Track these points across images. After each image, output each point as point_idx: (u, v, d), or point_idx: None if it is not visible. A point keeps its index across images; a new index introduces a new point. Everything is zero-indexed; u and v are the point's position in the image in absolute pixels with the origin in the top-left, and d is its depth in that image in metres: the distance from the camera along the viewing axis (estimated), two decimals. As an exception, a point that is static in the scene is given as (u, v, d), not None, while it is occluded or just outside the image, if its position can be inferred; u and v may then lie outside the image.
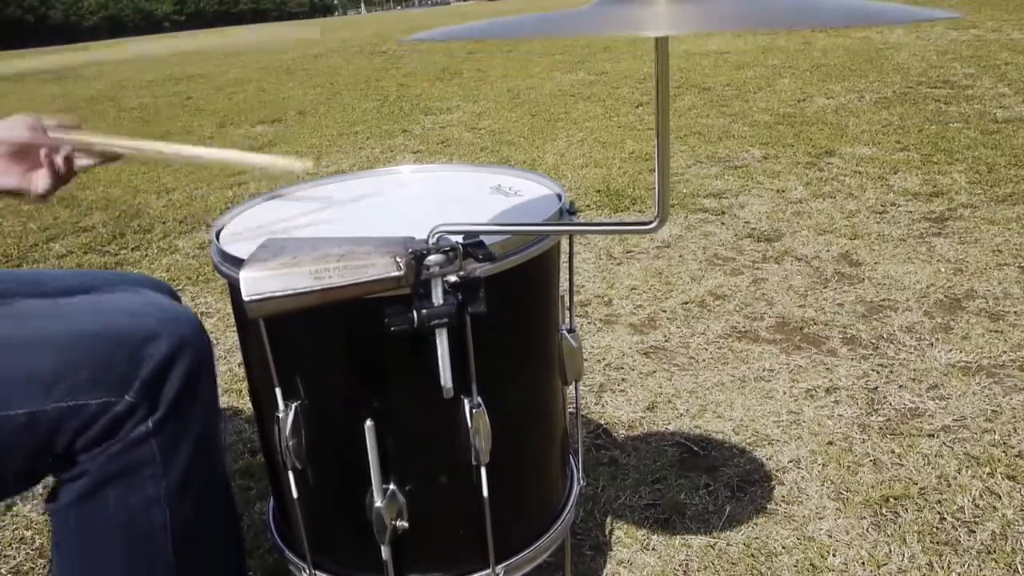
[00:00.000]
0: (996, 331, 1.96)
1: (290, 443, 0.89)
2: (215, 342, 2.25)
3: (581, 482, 1.14)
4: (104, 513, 0.87)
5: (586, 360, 1.95)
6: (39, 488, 0.93)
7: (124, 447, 0.85)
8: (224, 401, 1.94)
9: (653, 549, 1.35)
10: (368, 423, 0.85)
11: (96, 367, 0.84)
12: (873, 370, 1.84)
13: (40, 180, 0.91)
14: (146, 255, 3.13)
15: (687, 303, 2.27)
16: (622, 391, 1.84)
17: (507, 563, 0.96)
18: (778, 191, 3.24)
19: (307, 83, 8.78)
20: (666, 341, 2.06)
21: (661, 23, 0.58)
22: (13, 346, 0.85)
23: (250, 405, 1.72)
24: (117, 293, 1.03)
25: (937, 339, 1.95)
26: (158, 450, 0.87)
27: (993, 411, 1.64)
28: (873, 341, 1.97)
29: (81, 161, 0.97)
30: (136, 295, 1.02)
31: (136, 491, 0.87)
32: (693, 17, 0.59)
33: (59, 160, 0.92)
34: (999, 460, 1.49)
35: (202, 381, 0.92)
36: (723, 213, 3.03)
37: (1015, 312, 2.05)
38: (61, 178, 0.93)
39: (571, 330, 1.03)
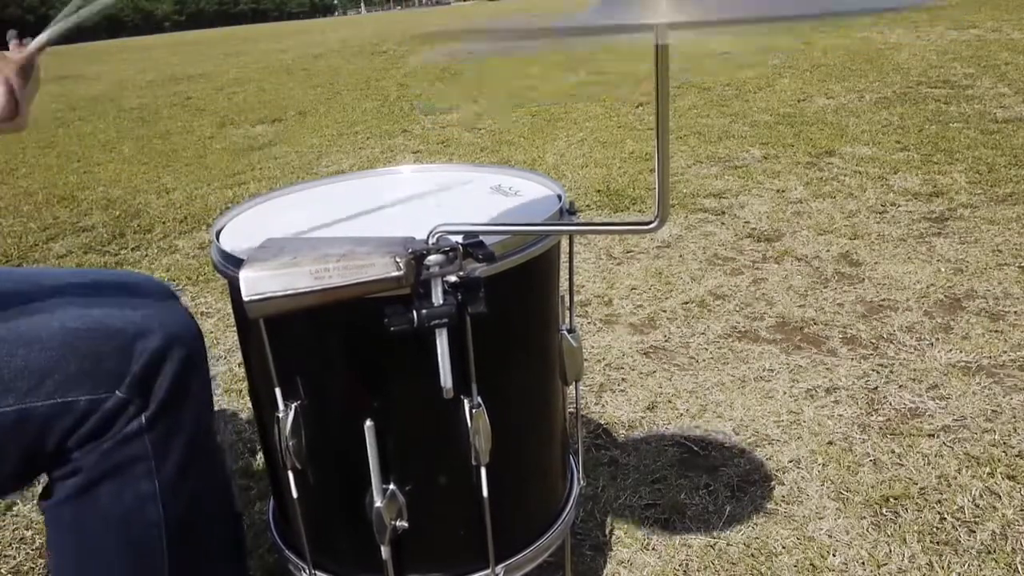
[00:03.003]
0: (996, 331, 1.96)
1: (290, 443, 0.89)
2: (215, 342, 2.25)
3: (581, 482, 1.13)
4: (98, 510, 0.87)
5: (586, 360, 1.95)
6: (38, 488, 0.93)
7: (116, 443, 0.85)
8: (224, 401, 1.94)
9: (653, 549, 1.35)
10: (368, 423, 0.85)
11: (85, 362, 0.84)
12: (873, 370, 1.84)
13: None
14: (146, 255, 3.13)
15: (687, 303, 2.27)
16: (622, 391, 1.84)
17: (507, 563, 0.96)
18: (778, 191, 3.24)
19: (307, 83, 8.79)
20: (666, 341, 2.06)
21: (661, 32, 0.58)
22: (1, 342, 0.84)
23: (250, 405, 1.72)
24: (110, 291, 1.03)
25: (937, 339, 1.95)
26: (151, 446, 0.87)
27: (993, 411, 1.64)
28: (873, 341, 1.97)
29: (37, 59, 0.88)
30: (128, 292, 1.02)
31: (129, 488, 0.87)
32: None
33: (10, 75, 0.84)
34: (999, 460, 1.48)
35: (195, 377, 0.92)
36: (723, 213, 3.03)
37: (1015, 312, 2.05)
38: (14, 92, 0.85)
39: (571, 330, 1.03)
